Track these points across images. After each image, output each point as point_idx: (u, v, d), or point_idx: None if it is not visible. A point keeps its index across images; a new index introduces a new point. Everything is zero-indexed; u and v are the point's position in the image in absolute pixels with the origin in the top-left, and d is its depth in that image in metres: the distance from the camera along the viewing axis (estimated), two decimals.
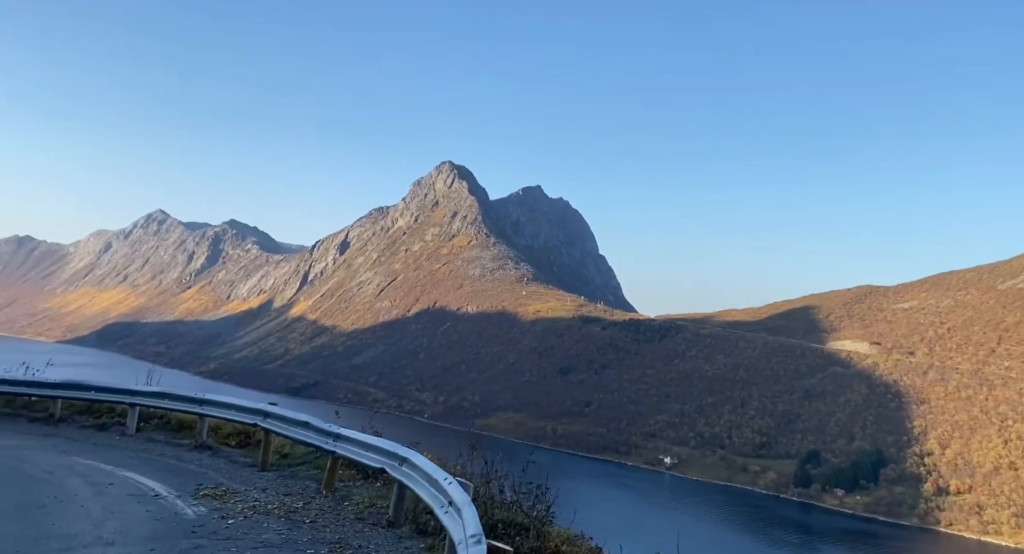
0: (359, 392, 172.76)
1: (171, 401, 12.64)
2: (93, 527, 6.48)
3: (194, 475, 9.52)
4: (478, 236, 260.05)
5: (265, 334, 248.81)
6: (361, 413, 49.92)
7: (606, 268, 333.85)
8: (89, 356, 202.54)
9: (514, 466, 8.33)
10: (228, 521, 7.05)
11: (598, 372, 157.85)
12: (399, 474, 7.47)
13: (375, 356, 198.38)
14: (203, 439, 12.08)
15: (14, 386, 14.33)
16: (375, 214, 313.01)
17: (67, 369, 22.49)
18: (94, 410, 14.25)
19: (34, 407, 14.74)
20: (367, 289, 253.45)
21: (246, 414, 11.23)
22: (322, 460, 9.99)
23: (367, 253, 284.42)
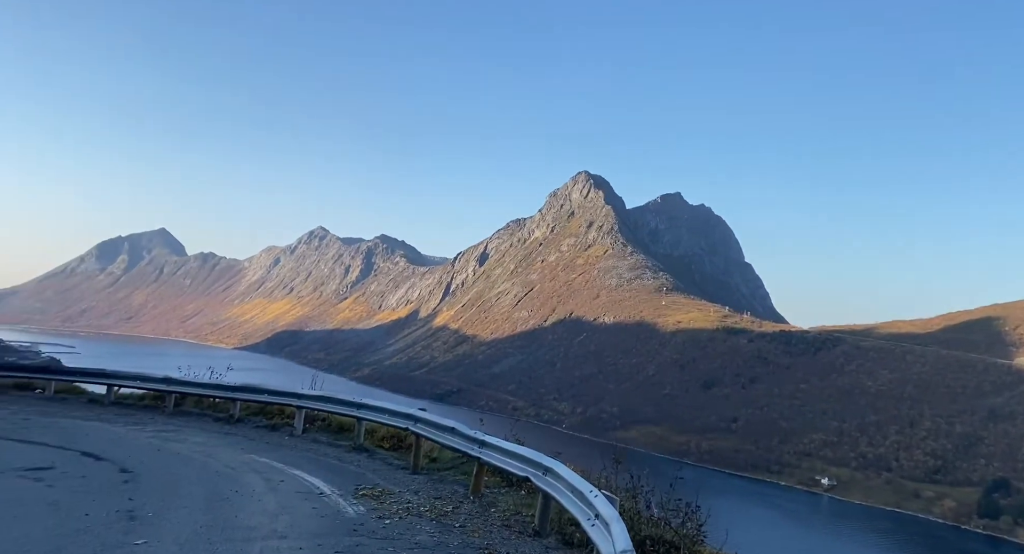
0: (499, 400, 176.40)
1: (332, 405, 13.59)
2: (269, 520, 7.07)
3: (353, 475, 10.14)
4: (614, 245, 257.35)
5: (412, 342, 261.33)
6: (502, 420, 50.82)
7: (753, 277, 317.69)
8: (260, 361, 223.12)
9: (659, 481, 8.09)
10: (385, 521, 7.43)
11: (745, 386, 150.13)
12: (543, 484, 7.49)
13: (513, 365, 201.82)
14: (360, 441, 12.86)
15: (203, 388, 16.11)
16: (512, 226, 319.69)
17: (243, 373, 24.85)
18: (267, 411, 15.64)
19: (218, 408, 16.45)
20: (505, 299, 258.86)
21: (398, 418, 11.81)
22: (468, 465, 10.25)
23: (504, 264, 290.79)
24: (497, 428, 11.46)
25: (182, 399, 16.74)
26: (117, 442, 11.80)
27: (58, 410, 16.12)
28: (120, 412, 16.21)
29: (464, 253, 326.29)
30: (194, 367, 18.21)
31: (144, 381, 17.17)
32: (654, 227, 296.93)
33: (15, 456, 9.92)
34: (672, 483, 7.35)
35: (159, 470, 9.50)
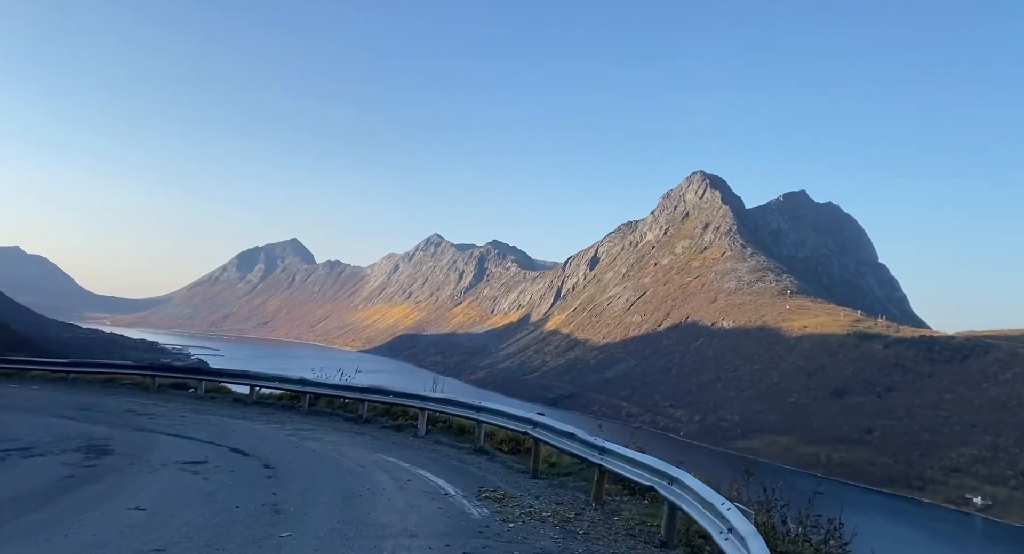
0: (612, 406, 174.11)
1: (453, 407, 13.94)
2: (399, 519, 7.33)
3: (475, 477, 10.32)
4: (733, 247, 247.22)
5: (524, 346, 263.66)
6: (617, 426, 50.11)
7: (888, 278, 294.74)
8: (383, 364, 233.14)
9: (790, 494, 7.65)
10: (509, 524, 7.49)
11: (881, 395, 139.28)
12: (669, 494, 7.27)
13: (627, 370, 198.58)
14: (480, 444, 13.09)
15: (334, 390, 17.04)
16: (624, 229, 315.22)
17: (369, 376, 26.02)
18: (392, 412, 16.27)
19: (347, 408, 17.31)
20: (617, 304, 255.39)
21: (517, 422, 11.90)
22: (588, 472, 10.15)
23: (616, 268, 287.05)
24: (614, 434, 11.29)
25: (316, 399, 17.76)
26: (260, 439, 12.70)
27: (208, 408, 17.60)
28: (262, 411, 17.46)
29: (574, 257, 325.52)
30: (325, 369, 19.28)
31: (282, 382, 18.42)
32: (776, 227, 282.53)
33: (176, 450, 10.92)
34: (811, 498, 6.89)
35: (298, 467, 10.11)
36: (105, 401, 17.89)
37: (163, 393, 20.38)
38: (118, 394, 19.89)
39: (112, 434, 12.16)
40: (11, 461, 9.37)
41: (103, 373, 23.21)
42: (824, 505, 7.23)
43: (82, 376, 22.99)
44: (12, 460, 9.44)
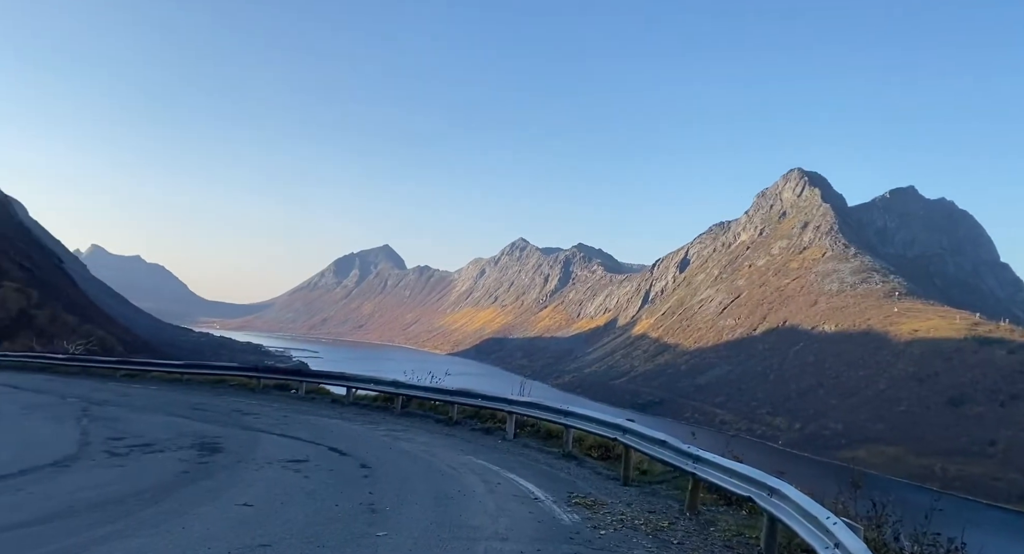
0: (705, 412, 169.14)
1: (541, 411, 13.92)
2: (490, 522, 7.38)
3: (564, 482, 10.26)
4: (834, 247, 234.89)
5: (611, 351, 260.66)
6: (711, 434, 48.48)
7: (1011, 279, 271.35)
8: (471, 366, 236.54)
9: (904, 509, 7.14)
10: (600, 531, 7.39)
11: (1004, 404, 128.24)
12: (768, 505, 6.96)
13: (720, 376, 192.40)
14: (569, 449, 13.00)
15: (426, 392, 17.42)
16: (715, 230, 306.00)
17: (458, 378, 26.43)
18: (481, 415, 16.44)
19: (437, 410, 17.63)
20: (709, 307, 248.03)
21: (606, 428, 11.75)
22: (681, 480, 9.89)
23: (708, 270, 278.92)
24: (708, 442, 10.95)
25: (408, 401, 18.22)
26: (356, 439, 13.15)
27: (309, 408, 18.41)
28: (358, 412, 18.08)
29: (663, 259, 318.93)
30: (416, 371, 19.76)
31: (376, 384, 19.02)
32: (882, 226, 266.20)
33: (279, 449, 11.47)
34: (927, 513, 6.39)
35: (392, 467, 10.39)
36: (215, 401, 19.06)
37: (267, 393, 21.49)
38: (227, 394, 21.15)
39: (222, 432, 12.93)
40: (134, 456, 10.13)
41: (213, 374, 24.75)
42: (943, 522, 6.71)
43: (195, 377, 24.62)
44: (135, 455, 10.21)
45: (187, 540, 5.90)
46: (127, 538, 5.86)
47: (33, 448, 10.62)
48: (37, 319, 74.03)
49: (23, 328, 66.05)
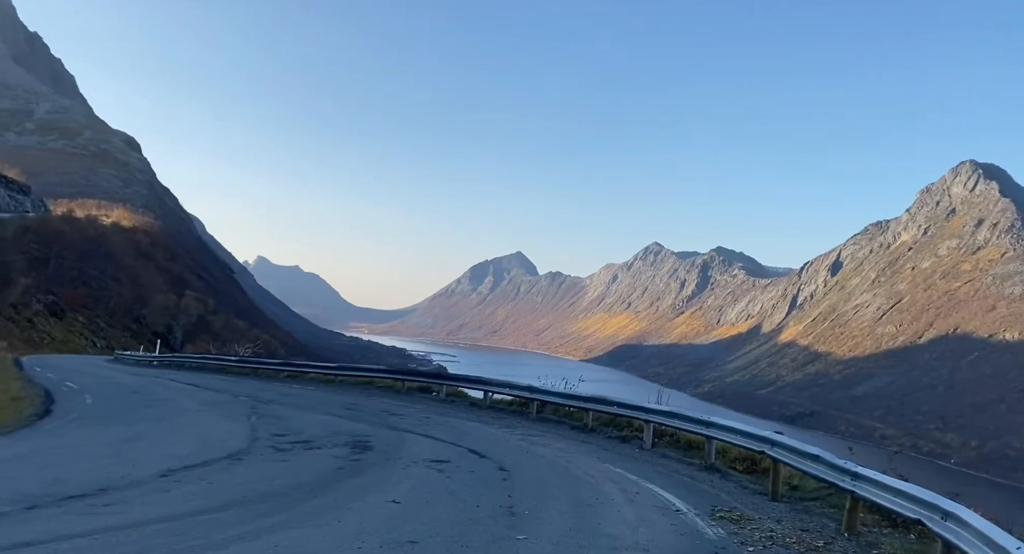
0: (862, 426, 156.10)
1: (680, 421, 13.48)
2: (630, 532, 7.23)
3: (707, 495, 9.86)
4: (1016, 246, 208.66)
5: (755, 359, 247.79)
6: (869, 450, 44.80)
7: None
8: (604, 373, 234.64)
9: None
10: (748, 548, 7.02)
11: None
12: (942, 530, 6.30)
13: (879, 387, 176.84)
14: (711, 461, 12.49)
15: (560, 398, 17.47)
16: (871, 230, 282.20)
17: (592, 385, 26.29)
18: (616, 423, 16.21)
19: (572, 416, 17.61)
20: (865, 313, 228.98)
21: (752, 440, 11.16)
22: (837, 498, 9.21)
23: (863, 273, 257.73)
24: (868, 458, 10.11)
25: (543, 406, 18.36)
26: (494, 442, 13.44)
27: (449, 410, 19.09)
28: (495, 415, 18.49)
29: (812, 262, 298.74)
30: (549, 377, 19.92)
31: (512, 389, 19.36)
32: None
33: (423, 449, 11.98)
34: None
35: (529, 471, 10.50)
36: (365, 401, 20.27)
37: (411, 395, 22.55)
38: (375, 395, 22.44)
39: (372, 432, 13.71)
40: (296, 452, 11.00)
41: (363, 376, 26.39)
42: None
43: (347, 378, 26.34)
44: (296, 451, 11.07)
45: (343, 533, 6.30)
46: (291, 528, 6.35)
47: (211, 442, 11.82)
48: (213, 324, 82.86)
49: (202, 332, 74.17)
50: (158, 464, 9.17)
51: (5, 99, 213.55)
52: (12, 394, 18.28)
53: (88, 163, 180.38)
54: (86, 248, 75.88)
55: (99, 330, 60.61)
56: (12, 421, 14.00)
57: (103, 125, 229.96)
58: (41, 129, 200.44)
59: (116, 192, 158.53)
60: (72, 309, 58.98)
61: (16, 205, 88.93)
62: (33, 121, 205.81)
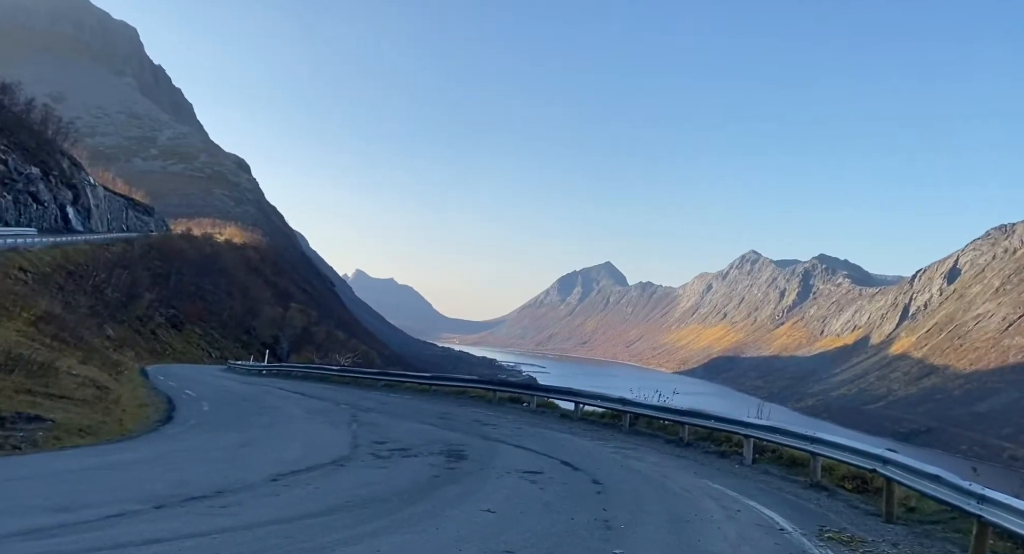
0: (988, 445, 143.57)
1: (782, 436, 12.90)
2: (731, 550, 6.98)
3: (814, 514, 9.38)
4: None
5: (863, 372, 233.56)
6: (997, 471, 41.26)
7: None
8: (699, 386, 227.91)
9: None
10: None
11: None
12: None
13: (1007, 404, 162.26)
14: (817, 478, 11.87)
15: (654, 411, 17.13)
16: (994, 234, 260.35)
17: (686, 398, 25.61)
18: (714, 437, 15.71)
19: (667, 430, 17.22)
20: (988, 323, 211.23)
21: (862, 458, 10.55)
22: (961, 523, 8.54)
23: (986, 280, 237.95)
24: (996, 481, 9.32)
25: (636, 419, 18.05)
26: (586, 454, 13.33)
27: (539, 421, 19.11)
28: (586, 427, 18.35)
29: (925, 269, 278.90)
30: (642, 389, 19.56)
31: (604, 401, 19.15)
32: None
33: (516, 459, 12.05)
34: None
35: (623, 484, 10.35)
36: (458, 411, 20.64)
37: (502, 406, 22.75)
38: (467, 405, 22.80)
39: (465, 441, 13.94)
40: (394, 460, 11.34)
41: (455, 386, 26.88)
42: None
43: (440, 388, 26.91)
44: (395, 459, 11.42)
45: (441, 540, 6.43)
46: (392, 534, 6.55)
47: (316, 448, 12.39)
48: (316, 335, 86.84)
49: (306, 343, 77.92)
50: (268, 469, 9.70)
51: (133, 128, 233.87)
52: (139, 401, 19.88)
53: (204, 185, 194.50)
54: (202, 264, 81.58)
55: (214, 341, 64.82)
56: (140, 426, 15.22)
57: (217, 149, 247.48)
58: (163, 154, 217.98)
59: (228, 211, 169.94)
60: (190, 321, 63.41)
61: (142, 225, 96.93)
62: (157, 147, 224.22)
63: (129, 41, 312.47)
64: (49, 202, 59.57)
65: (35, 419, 12.09)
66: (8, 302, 25.44)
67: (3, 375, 14.09)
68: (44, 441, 11.21)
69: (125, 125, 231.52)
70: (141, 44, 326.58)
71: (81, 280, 44.66)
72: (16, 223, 50.71)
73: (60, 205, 62.04)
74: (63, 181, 64.22)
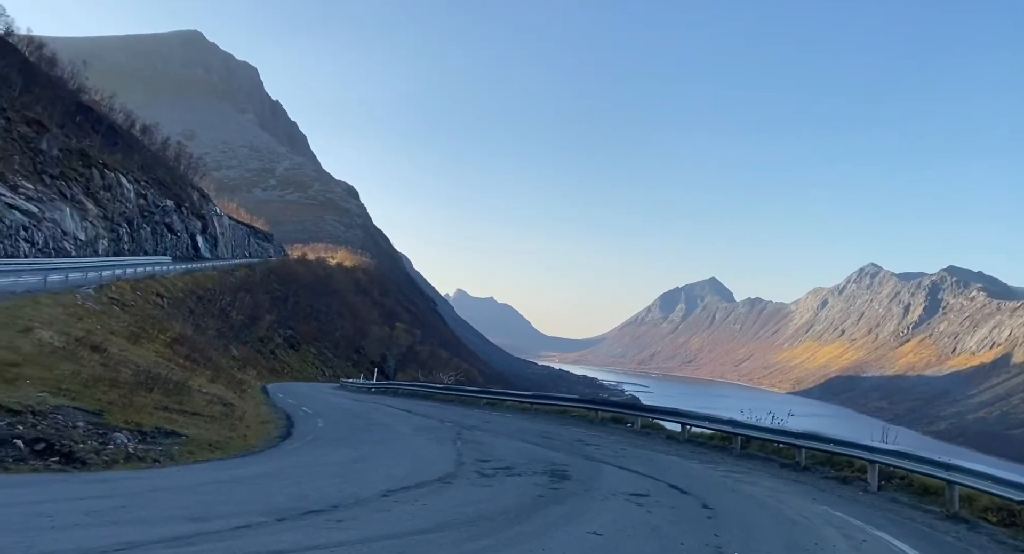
0: None
1: (912, 462, 11.95)
2: None
3: (953, 548, 8.63)
4: None
5: (1005, 393, 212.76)
6: None
7: None
8: (815, 407, 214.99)
9: None
10: None
11: None
12: None
13: None
14: (955, 509, 10.89)
15: (767, 433, 16.35)
16: None
17: (802, 420, 24.26)
18: (833, 462, 14.78)
19: (782, 454, 16.37)
20: None
21: (1009, 488, 9.61)
22: None
23: None
24: None
25: (747, 442, 17.29)
26: (695, 478, 12.88)
27: (644, 442, 18.66)
28: (693, 449, 17.74)
29: None
30: (753, 411, 18.72)
31: (712, 422, 18.47)
32: None
33: (620, 481, 11.82)
34: None
35: (736, 509, 9.90)
36: (559, 430, 20.52)
37: (604, 425, 22.42)
38: (569, 424, 22.64)
39: (568, 461, 13.83)
40: (499, 478, 11.41)
41: (556, 405, 26.79)
42: None
43: (541, 407, 26.91)
44: (499, 477, 11.49)
45: None
46: (499, 552, 6.58)
47: (423, 465, 12.68)
48: (420, 354, 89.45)
49: (411, 361, 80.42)
50: (379, 485, 10.02)
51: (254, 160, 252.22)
52: (261, 418, 21.15)
53: (317, 211, 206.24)
54: (316, 287, 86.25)
55: (327, 360, 68.16)
56: (262, 441, 16.18)
57: (328, 177, 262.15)
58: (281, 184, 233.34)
59: (339, 235, 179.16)
60: (306, 341, 67.06)
61: (262, 251, 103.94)
62: (275, 177, 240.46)
63: (250, 80, 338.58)
64: (181, 232, 65.10)
65: (172, 434, 13.13)
66: (148, 325, 27.90)
67: (145, 393, 15.42)
68: (180, 455, 12.14)
69: (247, 158, 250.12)
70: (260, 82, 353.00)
71: (209, 304, 48.36)
72: (154, 251, 55.85)
73: (191, 234, 67.65)
74: (193, 212, 70.06)
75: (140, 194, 55.11)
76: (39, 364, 14.49)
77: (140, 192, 55.14)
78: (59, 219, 39.39)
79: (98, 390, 14.17)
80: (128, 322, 26.73)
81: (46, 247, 36.74)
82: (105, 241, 46.24)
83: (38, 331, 17.42)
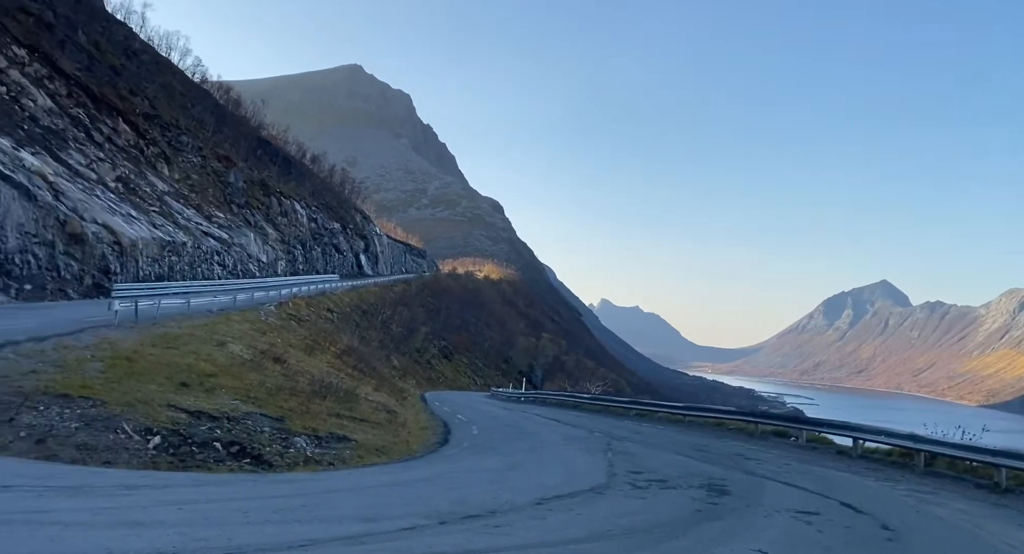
0: None
1: None
2: None
3: None
4: None
5: None
6: None
7: None
8: (1015, 422, 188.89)
9: None
10: None
11: None
12: None
13: None
14: None
15: (956, 450, 14.67)
16: None
17: (1000, 435, 21.51)
18: None
19: (976, 473, 14.60)
20: None
21: None
22: None
23: None
24: None
25: (932, 458, 15.61)
26: (871, 496, 11.83)
27: (810, 458, 17.42)
28: (868, 466, 16.30)
29: None
30: (939, 425, 16.91)
31: (889, 437, 16.88)
32: None
33: (785, 497, 11.13)
34: None
35: (922, 532, 8.98)
36: (715, 443, 19.69)
37: (765, 439, 21.19)
38: (725, 438, 21.65)
39: (726, 475, 13.23)
40: (652, 491, 11.18)
41: (711, 417, 25.73)
42: None
43: (695, 419, 25.97)
44: (653, 490, 11.25)
45: None
46: None
47: (575, 474, 12.71)
48: (566, 363, 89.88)
49: (557, 371, 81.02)
50: (532, 492, 10.19)
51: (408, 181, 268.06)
52: (421, 424, 22.29)
53: (465, 227, 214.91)
54: (465, 299, 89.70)
55: (477, 369, 70.48)
56: (422, 447, 17.05)
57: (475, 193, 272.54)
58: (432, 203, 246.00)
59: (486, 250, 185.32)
60: (457, 352, 69.84)
61: (417, 267, 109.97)
62: (427, 197, 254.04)
63: (404, 106, 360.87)
64: (347, 251, 70.60)
65: (343, 439, 14.21)
66: (321, 338, 30.47)
67: (319, 401, 16.83)
68: (350, 458, 13.10)
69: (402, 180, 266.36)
70: (413, 108, 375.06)
71: (372, 317, 51.90)
72: (324, 270, 61.07)
73: (355, 253, 73.16)
74: (357, 233, 75.76)
75: (311, 218, 60.55)
76: (231, 374, 16.32)
77: (311, 216, 60.58)
78: (245, 244, 44.24)
79: (280, 398, 15.69)
80: (303, 335, 29.36)
81: (235, 269, 41.40)
82: (283, 262, 51.27)
83: (230, 345, 19.65)
